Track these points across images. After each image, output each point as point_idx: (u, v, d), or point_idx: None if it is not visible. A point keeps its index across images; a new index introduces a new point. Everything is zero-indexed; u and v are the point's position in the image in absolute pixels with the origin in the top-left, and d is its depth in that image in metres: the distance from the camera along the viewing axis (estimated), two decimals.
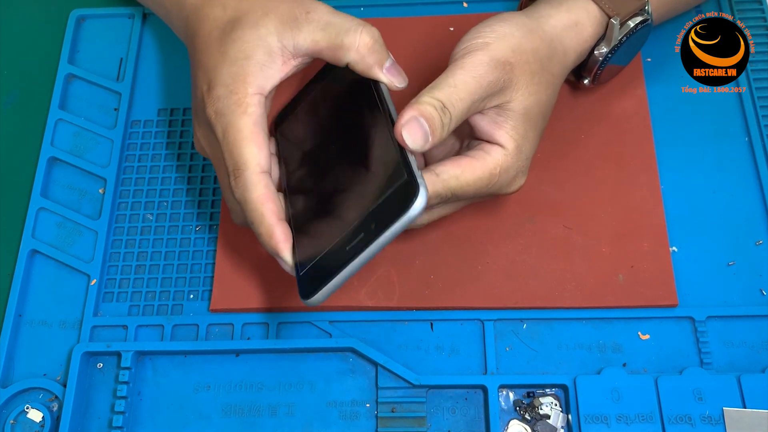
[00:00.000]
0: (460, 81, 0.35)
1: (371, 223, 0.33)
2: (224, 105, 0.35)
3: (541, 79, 0.37)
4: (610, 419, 0.38)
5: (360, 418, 0.40)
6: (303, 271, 0.34)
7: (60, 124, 0.48)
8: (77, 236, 0.45)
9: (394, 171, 0.33)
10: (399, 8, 0.50)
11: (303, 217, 0.36)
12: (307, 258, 0.34)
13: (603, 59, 0.41)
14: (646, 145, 0.45)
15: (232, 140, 0.35)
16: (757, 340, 0.40)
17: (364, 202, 0.34)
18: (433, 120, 0.34)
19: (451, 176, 0.35)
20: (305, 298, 0.33)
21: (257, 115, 0.35)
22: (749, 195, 0.44)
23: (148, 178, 0.46)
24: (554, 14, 0.39)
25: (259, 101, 0.36)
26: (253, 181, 0.35)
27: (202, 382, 0.41)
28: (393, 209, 0.32)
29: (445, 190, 0.35)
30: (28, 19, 0.53)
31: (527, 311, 0.41)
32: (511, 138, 0.36)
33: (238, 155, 0.35)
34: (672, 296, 0.41)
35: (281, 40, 0.36)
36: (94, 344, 0.42)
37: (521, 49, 0.36)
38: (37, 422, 0.41)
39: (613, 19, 0.39)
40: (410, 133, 0.34)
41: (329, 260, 0.33)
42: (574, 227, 0.43)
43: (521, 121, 0.37)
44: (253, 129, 0.35)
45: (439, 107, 0.34)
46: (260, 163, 0.35)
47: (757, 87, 0.46)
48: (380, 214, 0.33)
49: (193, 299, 0.43)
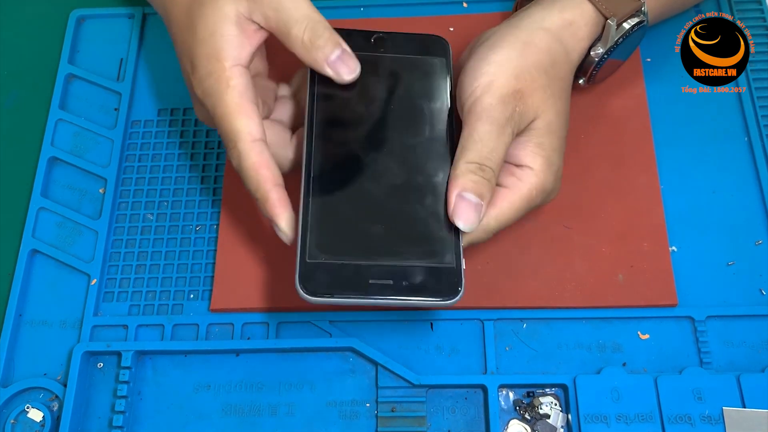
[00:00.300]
0: (483, 133, 0.35)
1: (403, 279, 0.33)
2: (208, 85, 0.36)
3: (553, 90, 0.37)
4: (610, 419, 0.38)
5: (360, 418, 0.40)
6: (313, 259, 0.33)
7: (60, 124, 0.48)
8: (77, 236, 0.45)
9: (445, 239, 0.34)
10: (399, 8, 0.50)
11: (334, 202, 0.35)
12: (324, 250, 0.33)
13: (599, 60, 0.41)
14: (645, 145, 0.45)
15: (221, 115, 0.36)
16: (756, 340, 0.40)
17: (405, 241, 0.34)
18: (476, 186, 0.35)
19: (491, 218, 0.36)
20: (305, 291, 0.33)
21: (241, 86, 0.36)
22: (749, 195, 0.44)
23: (149, 178, 0.47)
24: (546, 16, 0.39)
25: (240, 72, 0.36)
26: (245, 150, 0.35)
27: (202, 382, 0.41)
28: (429, 284, 0.33)
29: (487, 234, 0.36)
30: (28, 19, 0.53)
31: (527, 311, 0.41)
32: (538, 156, 0.37)
33: (229, 129, 0.36)
34: (672, 296, 0.41)
35: (238, 10, 0.36)
36: (95, 344, 0.42)
37: (523, 70, 0.36)
38: (37, 422, 0.41)
39: (610, 20, 0.39)
40: (461, 215, 0.34)
41: (347, 275, 0.33)
42: (574, 227, 0.43)
43: (546, 137, 0.37)
44: (238, 101, 0.36)
45: (477, 170, 0.35)
46: (251, 132, 0.35)
47: (757, 87, 0.46)
48: (415, 277, 0.33)
49: (193, 299, 0.43)
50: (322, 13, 0.50)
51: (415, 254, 0.34)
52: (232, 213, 0.44)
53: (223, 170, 0.46)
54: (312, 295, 0.33)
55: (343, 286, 0.33)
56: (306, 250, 0.33)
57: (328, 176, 0.35)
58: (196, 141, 0.47)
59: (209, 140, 0.47)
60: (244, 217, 0.44)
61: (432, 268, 0.33)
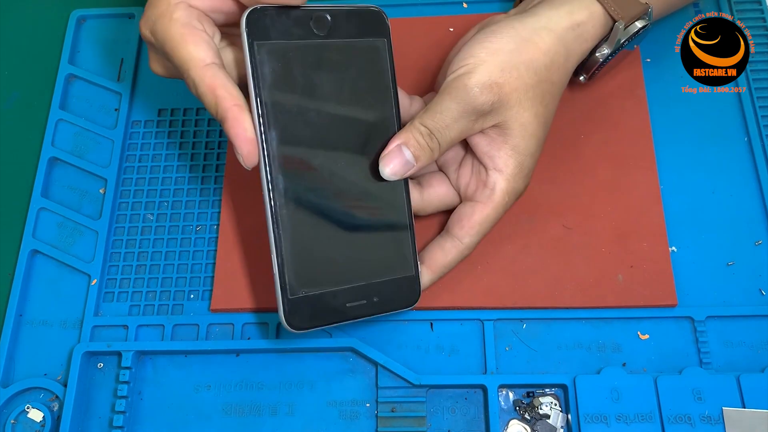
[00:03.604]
0: (446, 108, 0.36)
1: (374, 296, 0.36)
2: (153, 22, 0.36)
3: (536, 92, 0.37)
4: (610, 419, 0.38)
5: (360, 418, 0.40)
6: (295, 295, 0.34)
7: (60, 124, 0.48)
8: (78, 236, 0.45)
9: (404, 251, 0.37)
10: (399, 8, 0.50)
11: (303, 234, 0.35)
12: (302, 284, 0.35)
13: (603, 60, 0.41)
14: (645, 145, 0.45)
15: (171, 48, 0.35)
16: (756, 340, 0.40)
17: (370, 260, 0.36)
18: (417, 147, 0.36)
19: (472, 235, 0.39)
20: (292, 327, 0.34)
21: (184, 17, 0.35)
22: (748, 195, 0.44)
23: (149, 178, 0.47)
24: (554, 17, 0.39)
25: (185, 8, 0.36)
26: (198, 76, 0.35)
27: (202, 382, 0.41)
28: (396, 295, 0.37)
29: (470, 248, 0.39)
30: (29, 20, 0.53)
31: (527, 311, 0.41)
32: (512, 159, 0.38)
33: (179, 59, 0.35)
34: (671, 296, 0.41)
35: None
36: (95, 344, 0.42)
37: (511, 65, 0.37)
38: (37, 422, 0.41)
39: (618, 22, 0.39)
40: (389, 163, 0.36)
41: (327, 303, 0.35)
42: (573, 227, 0.43)
43: (521, 138, 0.37)
44: (182, 30, 0.35)
45: (426, 134, 0.36)
46: (200, 58, 0.35)
47: (757, 87, 0.46)
48: (384, 292, 0.37)
49: (193, 299, 0.43)
50: None
51: (381, 271, 0.37)
52: (232, 213, 0.44)
53: (223, 170, 0.46)
54: (299, 330, 0.35)
55: (325, 315, 0.35)
56: (287, 288, 0.34)
57: (293, 207, 0.35)
58: (196, 141, 0.47)
59: (209, 140, 0.47)
60: (244, 217, 0.44)
61: (396, 280, 0.37)
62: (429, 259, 0.39)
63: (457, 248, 0.39)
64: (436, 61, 0.47)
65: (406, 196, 0.38)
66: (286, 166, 0.35)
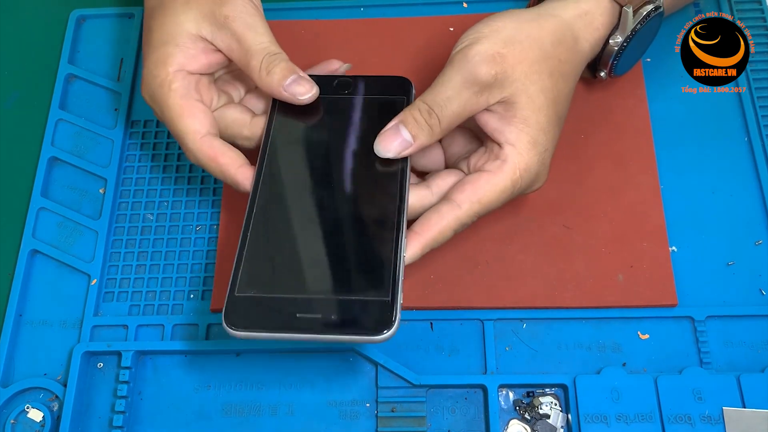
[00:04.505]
0: (447, 79, 0.36)
1: (333, 313, 0.32)
2: (152, 89, 0.38)
3: (542, 66, 0.37)
4: (610, 419, 0.38)
5: (360, 418, 0.40)
6: (242, 293, 0.33)
7: (60, 124, 0.48)
8: (78, 236, 0.45)
9: (383, 273, 0.33)
10: (399, 8, 0.50)
11: (273, 237, 0.35)
12: (254, 284, 0.33)
13: (619, 48, 0.41)
14: (645, 145, 0.45)
15: (169, 119, 0.38)
16: (756, 340, 0.40)
17: (340, 275, 0.33)
18: (415, 125, 0.35)
19: (474, 202, 0.36)
20: (230, 325, 0.32)
21: (182, 88, 0.37)
22: (749, 195, 0.44)
23: (149, 178, 0.47)
24: (560, 6, 0.39)
25: (183, 77, 0.38)
26: (196, 147, 0.37)
27: (202, 382, 0.41)
28: (361, 318, 0.32)
29: (470, 218, 0.36)
30: (29, 20, 0.53)
31: (527, 311, 0.41)
32: (523, 132, 0.36)
33: (177, 131, 0.38)
34: (671, 296, 0.41)
35: (200, 30, 0.38)
36: (95, 344, 0.42)
37: (515, 40, 0.36)
38: (37, 422, 0.41)
39: (625, 7, 0.39)
40: (385, 140, 0.36)
41: (274, 308, 0.32)
42: (574, 227, 0.43)
43: (530, 112, 0.36)
44: (180, 102, 0.37)
45: (425, 110, 0.35)
46: (196, 131, 0.37)
47: (757, 87, 0.46)
48: (346, 312, 0.32)
49: (193, 299, 0.43)
50: (323, 13, 0.51)
51: (349, 288, 0.33)
52: (232, 213, 0.44)
53: None
54: (236, 330, 0.32)
55: (269, 321, 0.32)
56: (236, 284, 0.33)
57: (272, 211, 0.36)
58: None
59: None
60: (244, 216, 0.44)
61: (365, 302, 0.32)
62: (422, 225, 0.35)
63: (454, 213, 0.35)
64: (436, 61, 0.47)
65: (398, 216, 0.35)
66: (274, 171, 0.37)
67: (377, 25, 0.49)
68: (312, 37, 0.49)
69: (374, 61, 0.48)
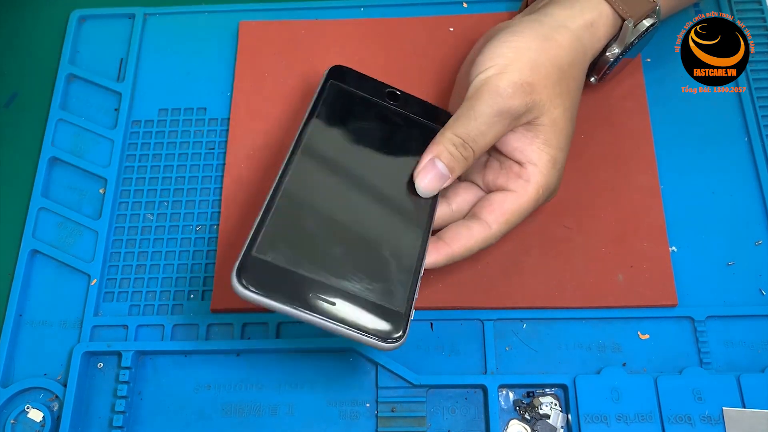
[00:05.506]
0: (479, 113, 0.35)
1: (347, 306, 0.32)
2: None
3: (563, 88, 0.37)
4: (610, 419, 0.38)
5: (360, 418, 0.40)
6: (260, 254, 0.32)
7: (60, 124, 0.48)
8: (78, 236, 0.45)
9: (402, 284, 0.33)
10: (399, 8, 0.50)
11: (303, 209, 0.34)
12: (272, 250, 0.32)
13: (614, 59, 0.41)
14: (645, 145, 0.45)
15: None
16: (756, 340, 0.40)
17: (361, 271, 0.33)
18: (451, 159, 0.35)
19: (502, 223, 0.37)
20: (240, 283, 0.30)
21: None
22: (748, 195, 0.44)
23: (149, 178, 0.47)
24: (569, 16, 0.39)
25: None
26: None
27: (202, 382, 0.41)
28: (372, 321, 0.32)
29: (497, 238, 0.37)
30: (29, 19, 0.53)
31: (527, 311, 0.41)
32: (545, 153, 0.37)
33: None
34: (671, 296, 0.41)
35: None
36: (95, 344, 0.42)
37: (539, 64, 0.36)
38: (37, 422, 0.41)
39: (627, 21, 0.39)
40: (424, 178, 0.36)
41: (290, 280, 0.31)
42: (574, 227, 0.43)
43: (552, 134, 0.37)
44: None
45: (459, 144, 0.36)
46: None
47: (757, 87, 0.46)
48: (360, 308, 0.32)
49: (193, 299, 0.43)
50: (323, 13, 0.51)
51: (368, 287, 0.33)
52: (232, 213, 0.44)
53: (223, 170, 0.46)
54: (246, 289, 0.30)
55: (282, 291, 0.31)
56: (254, 244, 0.32)
57: (305, 183, 0.35)
58: (195, 141, 0.47)
59: (209, 140, 0.47)
60: (244, 217, 0.44)
61: (380, 306, 0.32)
62: (452, 237, 0.36)
63: (484, 233, 0.36)
64: (436, 61, 0.47)
65: (425, 232, 0.35)
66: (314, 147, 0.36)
67: (377, 25, 0.49)
68: (312, 37, 0.49)
69: (374, 61, 0.48)
